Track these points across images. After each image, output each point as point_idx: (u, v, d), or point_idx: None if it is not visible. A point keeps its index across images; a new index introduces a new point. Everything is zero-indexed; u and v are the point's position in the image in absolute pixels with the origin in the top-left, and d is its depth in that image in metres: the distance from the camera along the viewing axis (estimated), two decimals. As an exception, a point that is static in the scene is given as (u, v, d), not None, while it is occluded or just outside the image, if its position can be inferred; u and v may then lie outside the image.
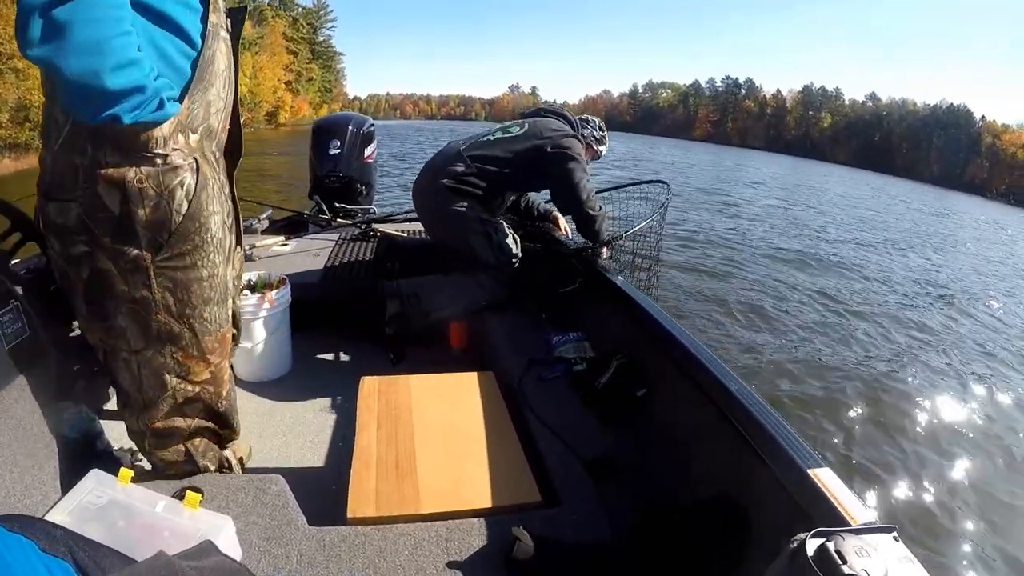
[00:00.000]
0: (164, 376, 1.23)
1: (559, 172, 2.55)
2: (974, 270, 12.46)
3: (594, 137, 2.81)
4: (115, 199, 1.02)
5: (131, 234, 1.05)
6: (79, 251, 1.07)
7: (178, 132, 1.05)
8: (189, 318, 1.18)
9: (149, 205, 1.04)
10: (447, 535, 1.31)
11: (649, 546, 1.31)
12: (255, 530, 1.29)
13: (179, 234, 1.09)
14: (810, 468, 1.10)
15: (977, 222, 26.10)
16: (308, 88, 57.86)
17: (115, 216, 1.03)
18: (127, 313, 1.14)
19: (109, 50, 0.87)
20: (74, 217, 1.04)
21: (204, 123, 1.10)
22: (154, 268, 1.09)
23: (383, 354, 2.55)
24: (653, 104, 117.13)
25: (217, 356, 1.28)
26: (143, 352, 1.19)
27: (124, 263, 1.08)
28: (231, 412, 1.41)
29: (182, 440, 1.37)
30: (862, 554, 0.75)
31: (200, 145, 1.11)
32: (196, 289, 1.16)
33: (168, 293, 1.13)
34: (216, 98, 1.12)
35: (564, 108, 2.83)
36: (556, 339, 2.29)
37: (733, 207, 16.67)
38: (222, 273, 1.20)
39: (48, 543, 0.63)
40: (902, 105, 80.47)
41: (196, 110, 1.07)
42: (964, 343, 7.03)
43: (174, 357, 1.21)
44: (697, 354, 1.60)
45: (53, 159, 1.04)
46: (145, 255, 1.08)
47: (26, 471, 1.23)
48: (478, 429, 1.75)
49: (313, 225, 3.71)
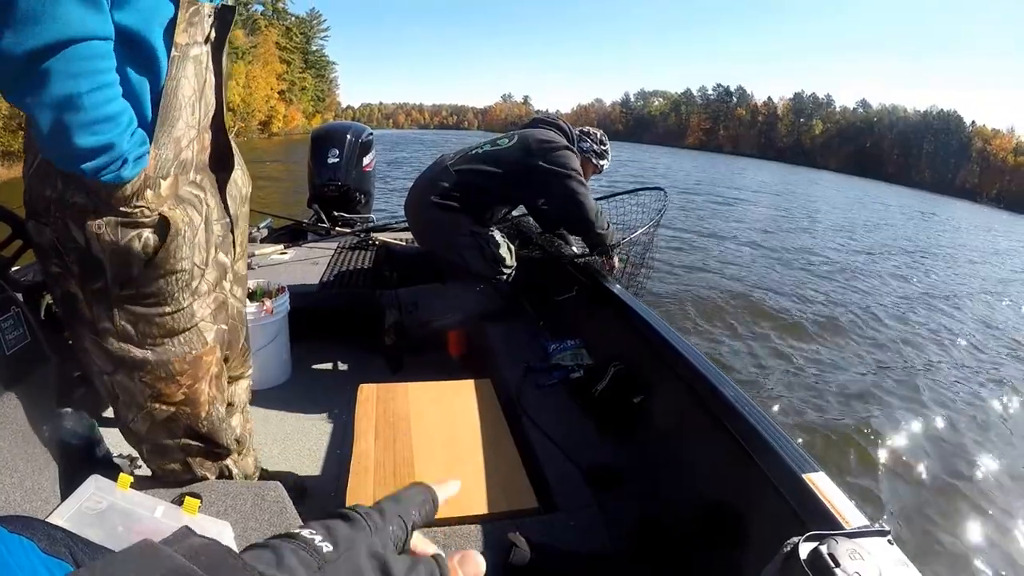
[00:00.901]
0: (137, 397, 1.21)
1: (559, 191, 2.50)
2: (969, 275, 12.53)
3: (594, 151, 2.73)
4: (80, 235, 1.01)
5: (97, 268, 1.05)
6: (54, 271, 1.08)
7: (146, 188, 1.02)
8: (152, 346, 1.15)
9: (108, 251, 1.03)
10: (444, 541, 1.31)
11: (645, 552, 1.31)
12: (254, 536, 1.29)
13: (141, 280, 1.08)
14: (805, 473, 1.10)
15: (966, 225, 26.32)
16: (301, 97, 57.97)
17: (82, 248, 1.03)
18: (92, 340, 1.14)
19: (83, 106, 0.86)
20: (48, 239, 1.04)
21: (175, 161, 1.06)
22: (116, 302, 1.09)
23: (381, 362, 2.56)
24: (645, 112, 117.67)
25: (188, 378, 1.23)
26: (113, 375, 1.18)
27: (89, 292, 1.08)
28: (216, 432, 1.36)
29: (176, 454, 1.35)
30: (855, 557, 0.75)
31: (173, 188, 1.08)
32: (158, 322, 1.14)
33: (129, 325, 1.12)
34: (186, 128, 1.07)
35: (560, 119, 2.77)
36: (553, 346, 2.30)
37: (726, 207, 16.78)
38: (189, 306, 1.17)
39: (49, 544, 0.64)
40: (893, 111, 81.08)
41: (165, 155, 1.04)
42: (956, 344, 7.07)
43: (143, 380, 1.18)
44: (693, 361, 1.61)
45: (30, 183, 1.03)
46: (110, 289, 1.07)
47: (26, 476, 1.24)
48: (476, 436, 1.75)
49: (312, 234, 3.71)
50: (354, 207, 4.01)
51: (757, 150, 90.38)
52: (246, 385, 1.59)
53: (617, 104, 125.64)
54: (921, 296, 9.53)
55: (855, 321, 7.31)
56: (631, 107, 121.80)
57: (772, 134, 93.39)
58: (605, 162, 2.79)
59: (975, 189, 63.07)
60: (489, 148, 2.65)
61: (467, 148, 2.71)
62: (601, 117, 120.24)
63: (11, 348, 1.34)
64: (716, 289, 7.91)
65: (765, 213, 18.19)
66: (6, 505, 1.15)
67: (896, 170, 71.77)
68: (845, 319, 7.30)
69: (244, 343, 1.53)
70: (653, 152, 58.47)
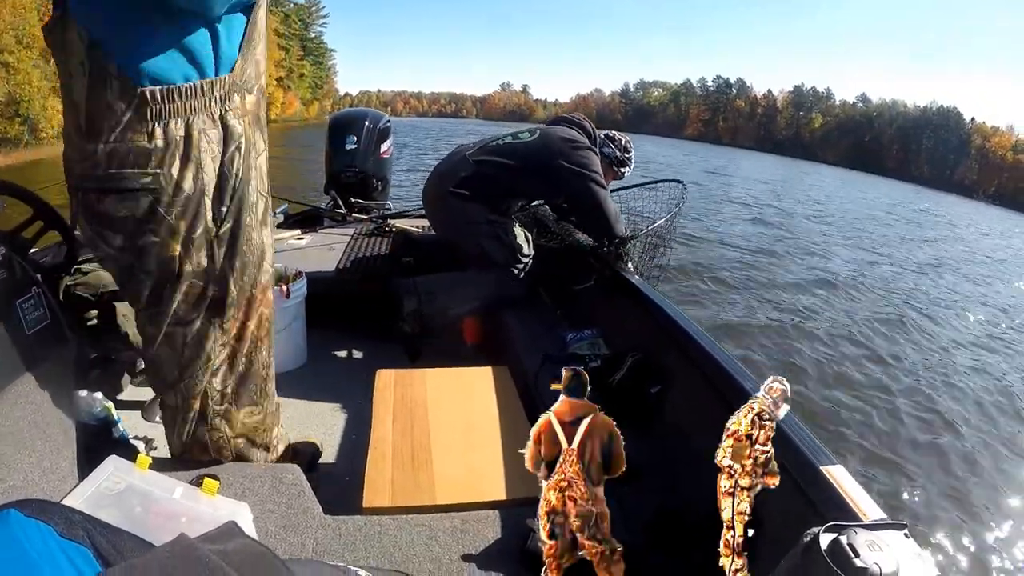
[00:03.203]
0: (204, 342, 1.26)
1: (579, 194, 2.49)
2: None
3: (616, 157, 2.70)
4: (187, 176, 1.06)
5: (201, 210, 1.10)
6: (146, 241, 1.09)
7: (234, 92, 1.09)
8: (234, 281, 1.22)
9: (214, 173, 1.09)
10: (462, 526, 1.31)
11: (661, 542, 1.31)
12: (271, 518, 1.29)
13: (235, 200, 1.14)
14: (823, 465, 1.11)
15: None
16: (299, 84, 57.76)
17: (189, 196, 1.07)
18: (184, 291, 1.17)
19: None
20: (145, 207, 1.06)
21: (257, 82, 1.15)
22: (217, 240, 1.15)
23: (397, 348, 2.55)
24: (645, 103, 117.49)
25: (243, 314, 1.29)
26: (191, 323, 1.22)
27: (192, 241, 1.12)
28: (258, 374, 1.40)
29: (205, 420, 1.37)
30: (874, 549, 0.76)
31: (256, 106, 1.17)
32: (240, 251, 1.20)
33: (225, 260, 1.18)
34: (261, 57, 1.16)
35: (585, 119, 2.73)
36: (571, 336, 2.28)
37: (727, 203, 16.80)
38: (259, 235, 1.24)
39: (66, 527, 0.63)
40: (892, 106, 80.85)
41: (249, 71, 1.12)
42: (976, 336, 7.03)
43: (213, 321, 1.24)
44: (711, 351, 1.60)
45: (109, 151, 1.01)
46: (211, 228, 1.13)
47: (44, 456, 1.24)
48: (493, 423, 1.75)
49: (328, 220, 3.71)
50: (371, 193, 4.00)
51: (756, 142, 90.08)
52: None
53: (616, 94, 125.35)
54: (944, 292, 9.49)
55: (872, 315, 7.29)
56: (630, 97, 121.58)
57: (771, 126, 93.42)
58: (627, 169, 2.76)
59: (973, 185, 63.12)
60: (510, 140, 2.63)
61: (487, 139, 2.69)
62: (600, 106, 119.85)
63: (31, 328, 1.35)
64: (727, 280, 7.92)
65: (773, 206, 18.16)
66: (24, 484, 1.16)
67: (895, 165, 71.90)
68: (860, 312, 7.28)
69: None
70: (656, 143, 58.28)
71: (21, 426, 1.23)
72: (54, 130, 19.52)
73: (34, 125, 19.12)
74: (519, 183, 2.56)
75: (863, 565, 0.73)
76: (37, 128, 19.23)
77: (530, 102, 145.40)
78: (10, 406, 1.23)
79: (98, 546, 0.64)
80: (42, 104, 19.23)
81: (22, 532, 0.60)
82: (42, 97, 19.22)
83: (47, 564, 0.58)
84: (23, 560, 0.57)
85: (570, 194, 2.56)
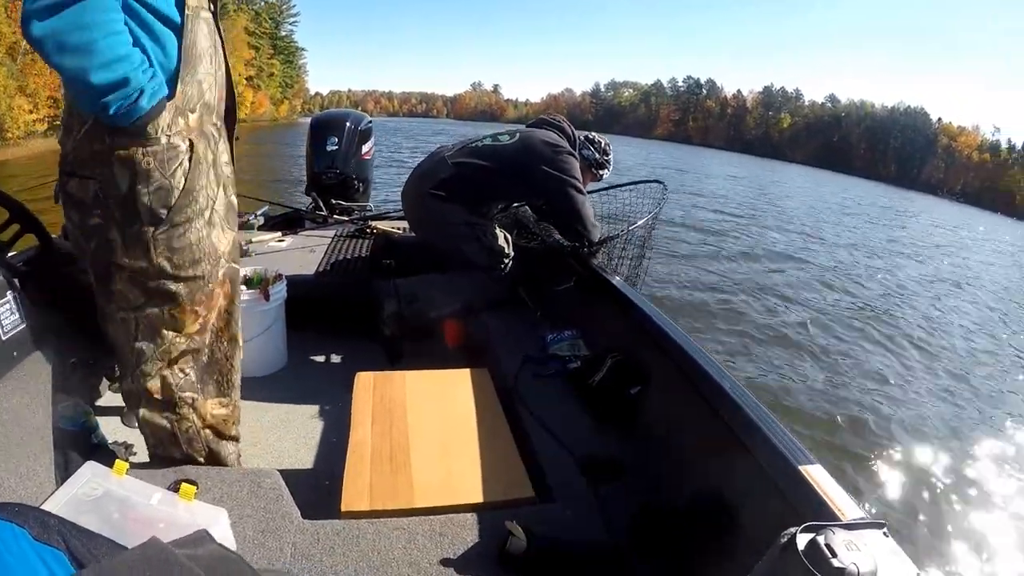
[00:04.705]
0: (161, 330, 1.34)
1: (558, 198, 2.51)
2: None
3: (595, 160, 2.70)
4: (125, 179, 1.17)
5: (136, 210, 1.20)
6: (93, 223, 1.22)
7: (178, 116, 1.19)
8: (182, 278, 1.30)
9: (153, 183, 1.19)
10: (441, 529, 1.31)
11: (642, 542, 1.32)
12: (249, 523, 1.29)
13: (175, 208, 1.23)
14: (801, 465, 1.11)
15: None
16: (269, 84, 57.24)
17: (124, 194, 1.18)
18: (127, 279, 1.27)
19: (96, 51, 1.02)
20: (91, 193, 1.19)
21: (200, 100, 1.25)
22: (153, 240, 1.23)
23: (378, 350, 2.55)
24: (615, 103, 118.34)
25: (204, 308, 1.37)
26: (141, 309, 1.30)
27: (129, 235, 1.22)
28: (222, 365, 1.48)
29: (173, 408, 1.42)
30: (852, 548, 0.76)
31: (200, 122, 1.26)
32: (187, 252, 1.28)
33: (164, 260, 1.26)
34: (205, 75, 1.25)
35: (564, 121, 2.74)
36: (551, 337, 2.30)
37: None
38: (207, 236, 1.32)
39: (41, 531, 0.63)
40: (860, 107, 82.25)
41: (189, 92, 1.21)
42: (951, 331, 7.14)
43: (170, 312, 1.32)
44: (691, 352, 1.61)
45: (76, 145, 1.18)
46: (147, 229, 1.22)
47: (21, 462, 1.24)
48: (472, 425, 1.76)
49: (309, 221, 3.69)
50: (352, 195, 4.00)
51: (725, 142, 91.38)
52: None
53: (587, 94, 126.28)
54: (918, 282, 9.64)
55: (846, 311, 7.39)
56: (601, 97, 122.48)
57: (741, 126, 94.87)
58: (605, 172, 2.77)
59: (939, 184, 64.66)
60: (489, 142, 2.64)
61: (466, 141, 2.70)
62: (571, 106, 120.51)
63: (7, 333, 1.34)
64: (703, 282, 7.99)
65: (745, 205, 18.46)
66: (1, 491, 1.15)
67: (863, 164, 73.25)
68: (837, 309, 7.37)
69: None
70: (627, 143, 58.66)
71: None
72: (20, 130, 19.17)
73: (0, 126, 18.65)
74: (498, 185, 2.57)
75: (840, 565, 0.73)
76: (3, 129, 18.77)
77: (501, 102, 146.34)
78: None
79: (73, 550, 0.64)
80: (8, 104, 18.81)
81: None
82: (8, 96, 18.81)
83: (20, 567, 0.58)
84: None
85: (549, 199, 2.57)
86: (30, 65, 19.53)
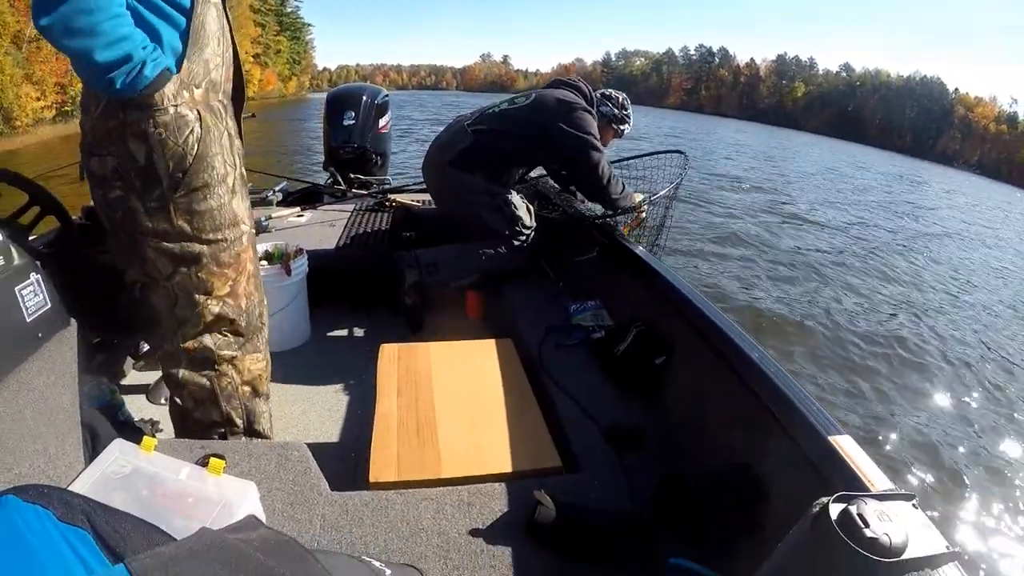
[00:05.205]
0: (193, 295, 1.42)
1: (574, 157, 2.48)
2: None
3: (614, 115, 2.67)
4: (141, 152, 1.25)
5: (154, 179, 1.28)
6: (115, 195, 1.31)
7: (183, 89, 1.26)
8: (205, 241, 1.38)
9: (168, 151, 1.26)
10: (468, 499, 1.31)
11: (669, 513, 1.30)
12: (278, 496, 1.30)
13: (191, 172, 1.31)
14: (831, 435, 1.10)
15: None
16: (276, 61, 56.86)
17: (142, 165, 1.26)
18: (154, 245, 1.35)
19: (100, 32, 1.09)
20: (111, 168, 1.28)
21: (206, 78, 1.32)
22: (173, 205, 1.31)
23: (400, 323, 2.55)
24: (627, 72, 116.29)
25: (233, 271, 1.46)
26: (172, 276, 1.38)
27: (150, 202, 1.30)
28: (253, 327, 1.56)
29: (212, 366, 1.50)
30: (884, 519, 0.74)
31: (205, 97, 1.33)
32: (208, 217, 1.36)
33: (185, 223, 1.34)
34: (213, 55, 1.33)
35: (581, 80, 2.70)
36: (574, 307, 2.28)
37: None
38: (228, 203, 1.40)
39: (65, 511, 0.63)
40: (876, 76, 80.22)
41: (195, 69, 1.29)
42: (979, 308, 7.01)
43: (198, 275, 1.40)
44: (717, 321, 1.59)
45: (93, 124, 1.27)
46: (166, 194, 1.30)
47: (49, 442, 1.24)
48: (498, 395, 1.75)
49: (328, 196, 3.68)
50: (370, 169, 3.98)
51: (738, 111, 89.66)
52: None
53: (598, 63, 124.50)
54: (952, 259, 9.48)
55: (874, 280, 7.28)
56: (612, 67, 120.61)
57: (754, 95, 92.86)
58: (626, 127, 2.74)
59: (955, 155, 63.24)
60: (506, 107, 2.62)
61: (484, 108, 2.68)
62: (582, 76, 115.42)
63: (32, 315, 1.34)
64: (730, 254, 7.89)
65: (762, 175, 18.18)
66: (31, 472, 1.15)
67: (878, 134, 71.46)
68: (864, 277, 7.27)
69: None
70: (639, 112, 58.21)
71: (25, 414, 1.22)
72: (28, 118, 19.36)
73: (8, 114, 18.82)
74: (517, 150, 2.55)
75: (873, 535, 0.71)
76: (11, 117, 18.95)
77: (511, 73, 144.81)
78: (13, 394, 1.22)
79: (98, 529, 0.63)
80: (15, 92, 18.92)
81: (20, 518, 0.60)
82: (15, 85, 18.90)
83: (46, 548, 0.57)
84: (22, 545, 0.57)
85: (567, 157, 2.54)
86: (35, 53, 19.65)
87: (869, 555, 0.70)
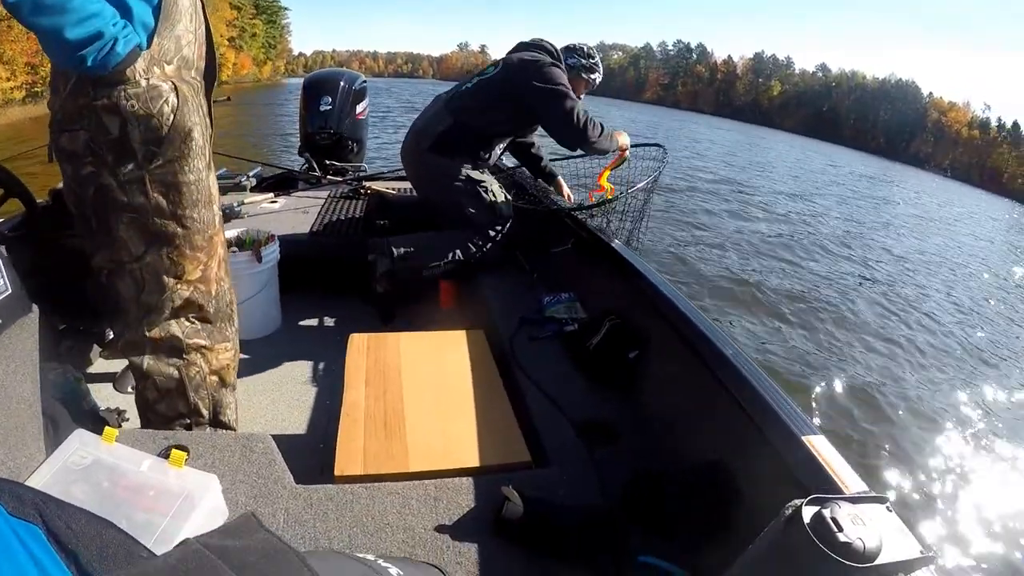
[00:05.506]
0: (163, 278, 1.39)
1: (550, 111, 2.44)
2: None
3: (582, 65, 2.64)
4: (115, 124, 1.23)
5: (128, 151, 1.26)
6: (87, 172, 1.28)
7: (153, 65, 1.24)
8: (180, 218, 1.36)
9: (142, 122, 1.24)
10: (435, 494, 1.30)
11: (639, 510, 1.31)
12: (241, 489, 1.28)
13: (167, 142, 1.29)
14: (804, 435, 1.10)
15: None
16: (251, 44, 56.13)
17: (115, 138, 1.24)
18: (127, 222, 1.32)
19: (70, 9, 1.05)
20: (82, 143, 1.26)
21: (177, 55, 1.30)
22: (148, 176, 1.29)
23: (372, 312, 2.54)
24: (604, 65, 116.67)
25: (204, 255, 1.44)
26: (143, 257, 1.36)
27: (123, 176, 1.28)
28: (222, 314, 1.54)
29: (180, 354, 1.48)
30: (857, 523, 0.74)
31: (178, 72, 1.30)
32: (184, 191, 1.35)
33: (160, 196, 1.32)
34: (185, 32, 1.30)
35: (544, 40, 2.66)
36: (547, 299, 2.28)
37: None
38: (205, 178, 1.39)
39: (16, 506, 0.61)
40: (851, 77, 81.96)
41: (167, 45, 1.27)
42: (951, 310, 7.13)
43: (169, 257, 1.38)
44: (691, 317, 1.59)
45: (62, 103, 1.25)
46: (141, 164, 1.28)
47: (9, 433, 1.21)
48: (468, 388, 1.74)
49: (302, 182, 3.64)
50: (346, 156, 3.94)
51: (714, 108, 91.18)
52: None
53: None
54: (916, 256, 9.62)
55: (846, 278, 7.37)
56: None
57: (730, 92, 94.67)
58: (596, 75, 2.71)
59: (927, 158, 65.10)
60: (478, 79, 2.60)
61: (457, 86, 2.66)
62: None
63: None
64: (701, 246, 7.95)
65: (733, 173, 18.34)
66: None
67: (852, 134, 73.12)
68: (840, 277, 7.37)
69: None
70: (616, 106, 58.25)
71: None
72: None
73: None
74: (494, 120, 2.53)
75: (846, 540, 0.71)
76: None
77: (488, 62, 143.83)
78: None
79: (50, 524, 0.62)
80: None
81: None
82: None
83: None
84: None
85: (542, 112, 2.50)
86: (5, 32, 19.03)
87: (843, 560, 0.70)
